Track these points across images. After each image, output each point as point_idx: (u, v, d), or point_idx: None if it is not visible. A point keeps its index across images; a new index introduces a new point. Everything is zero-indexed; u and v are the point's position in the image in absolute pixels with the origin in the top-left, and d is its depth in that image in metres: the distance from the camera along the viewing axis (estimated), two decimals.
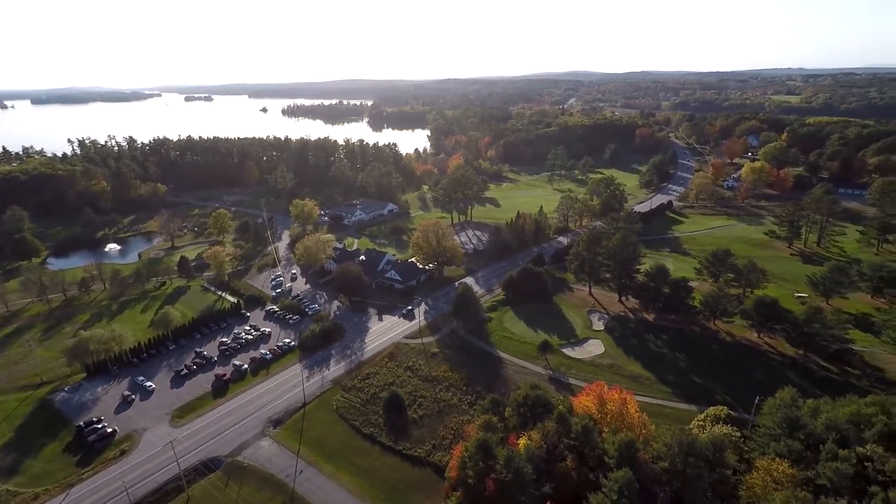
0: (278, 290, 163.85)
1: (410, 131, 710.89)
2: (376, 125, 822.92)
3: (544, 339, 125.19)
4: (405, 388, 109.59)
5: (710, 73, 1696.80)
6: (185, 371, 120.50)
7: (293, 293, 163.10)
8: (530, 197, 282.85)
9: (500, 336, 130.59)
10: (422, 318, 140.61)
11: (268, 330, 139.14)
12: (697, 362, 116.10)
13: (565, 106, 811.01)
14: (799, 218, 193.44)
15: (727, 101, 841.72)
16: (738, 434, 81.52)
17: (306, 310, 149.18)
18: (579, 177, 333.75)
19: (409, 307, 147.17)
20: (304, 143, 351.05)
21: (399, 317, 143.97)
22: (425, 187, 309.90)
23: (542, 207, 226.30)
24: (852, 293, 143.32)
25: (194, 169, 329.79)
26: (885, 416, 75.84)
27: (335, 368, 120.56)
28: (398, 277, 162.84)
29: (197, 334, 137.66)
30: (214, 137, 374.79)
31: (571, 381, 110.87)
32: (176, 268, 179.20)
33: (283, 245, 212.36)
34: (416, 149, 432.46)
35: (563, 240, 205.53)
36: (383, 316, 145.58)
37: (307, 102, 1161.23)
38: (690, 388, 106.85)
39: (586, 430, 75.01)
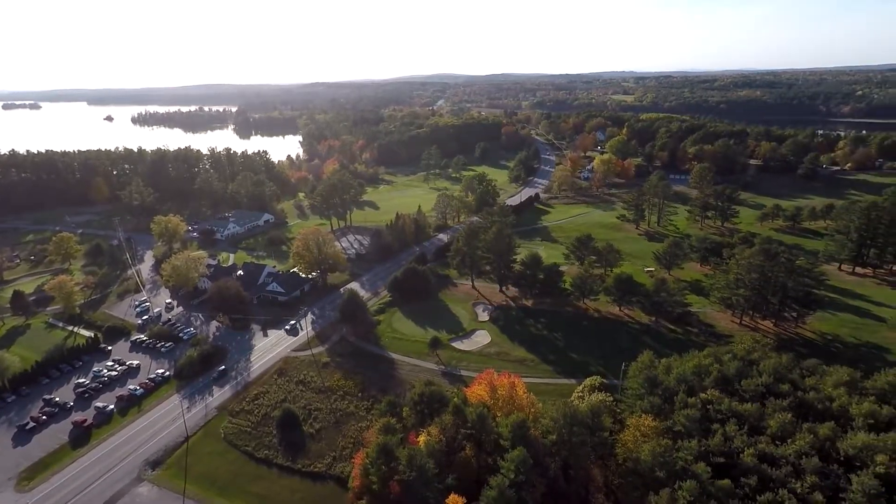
0: (145, 317, 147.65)
1: (281, 137, 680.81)
2: (243, 132, 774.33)
3: (434, 335, 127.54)
4: (298, 404, 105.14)
5: (561, 75, 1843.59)
6: (32, 424, 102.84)
7: (163, 318, 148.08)
8: (408, 197, 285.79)
9: (391, 338, 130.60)
10: (309, 328, 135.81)
11: (136, 362, 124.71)
12: (572, 340, 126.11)
13: (435, 107, 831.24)
14: (642, 202, 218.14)
15: (577, 101, 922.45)
16: (612, 399, 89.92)
17: (180, 335, 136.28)
18: (453, 175, 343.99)
19: (295, 319, 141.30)
20: (161, 154, 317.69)
21: (285, 330, 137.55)
22: (301, 194, 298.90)
23: (420, 207, 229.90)
24: (686, 263, 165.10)
25: (24, 188, 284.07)
26: (718, 365, 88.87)
27: (219, 394, 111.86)
28: (281, 289, 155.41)
29: (44, 379, 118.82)
30: (48, 151, 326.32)
31: (463, 372, 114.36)
32: (9, 305, 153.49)
33: (146, 267, 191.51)
34: (289, 155, 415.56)
35: (444, 237, 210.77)
36: (268, 331, 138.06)
37: (161, 110, 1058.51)
38: (569, 364, 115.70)
39: (481, 417, 77.95)
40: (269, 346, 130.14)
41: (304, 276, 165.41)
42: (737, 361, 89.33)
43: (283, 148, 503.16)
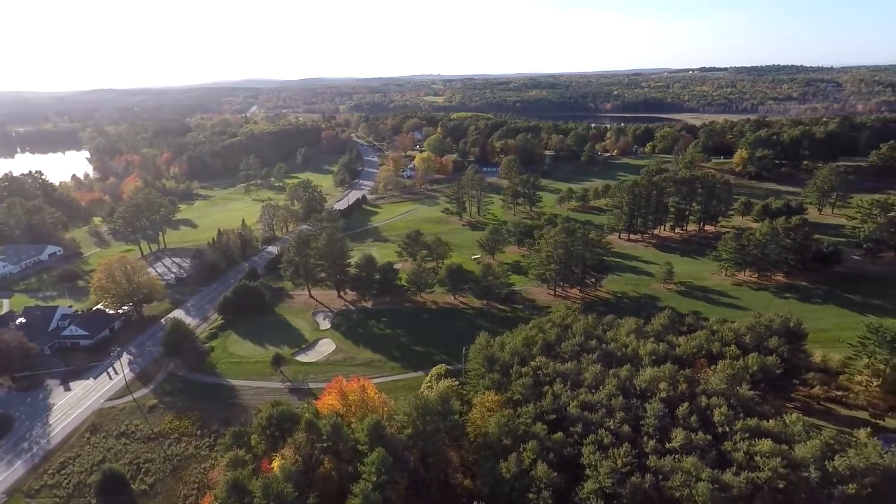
0: None
1: (60, 154, 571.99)
2: (5, 150, 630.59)
3: (276, 352, 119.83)
4: (123, 460, 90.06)
5: (374, 78, 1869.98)
6: None
7: None
8: (230, 211, 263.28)
9: (228, 363, 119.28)
10: (127, 370, 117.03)
11: None
12: (415, 333, 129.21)
13: (248, 114, 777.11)
14: (462, 195, 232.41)
15: (392, 103, 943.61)
16: (458, 383, 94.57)
17: None
18: (276, 184, 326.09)
19: (107, 363, 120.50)
20: None
21: (94, 378, 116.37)
22: (97, 219, 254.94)
23: (244, 220, 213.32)
24: (506, 247, 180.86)
25: None
26: (542, 334, 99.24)
27: (9, 473, 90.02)
28: (83, 332, 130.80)
29: None
30: None
31: (312, 385, 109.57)
32: None
33: None
34: (75, 175, 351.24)
35: (274, 249, 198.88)
36: (71, 383, 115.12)
37: None
38: (415, 358, 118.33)
39: (335, 427, 75.63)
40: (75, 401, 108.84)
41: (112, 312, 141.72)
42: (556, 328, 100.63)
43: (66, 166, 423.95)
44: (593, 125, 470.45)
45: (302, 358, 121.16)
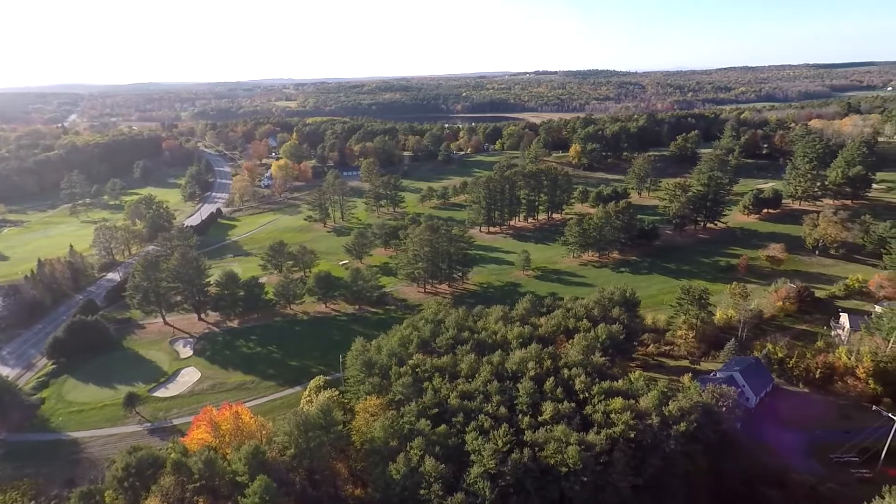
0: None
1: None
2: None
3: (128, 391, 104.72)
4: None
5: (220, 83, 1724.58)
6: None
7: None
8: (52, 238, 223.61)
9: (67, 413, 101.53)
10: None
11: None
12: (289, 348, 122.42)
13: (67, 123, 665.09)
14: (324, 201, 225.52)
15: (241, 109, 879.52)
16: (338, 392, 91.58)
17: None
18: (112, 202, 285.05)
19: None
20: None
21: None
22: None
23: (72, 247, 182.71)
24: (373, 250, 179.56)
25: None
26: (417, 332, 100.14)
27: None
28: None
29: None
30: None
31: (176, 421, 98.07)
32: None
33: None
34: None
35: (115, 276, 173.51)
36: None
37: None
38: (291, 373, 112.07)
39: (208, 462, 68.53)
40: None
41: None
42: (429, 324, 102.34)
43: None
44: (447, 125, 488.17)
45: (161, 393, 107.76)
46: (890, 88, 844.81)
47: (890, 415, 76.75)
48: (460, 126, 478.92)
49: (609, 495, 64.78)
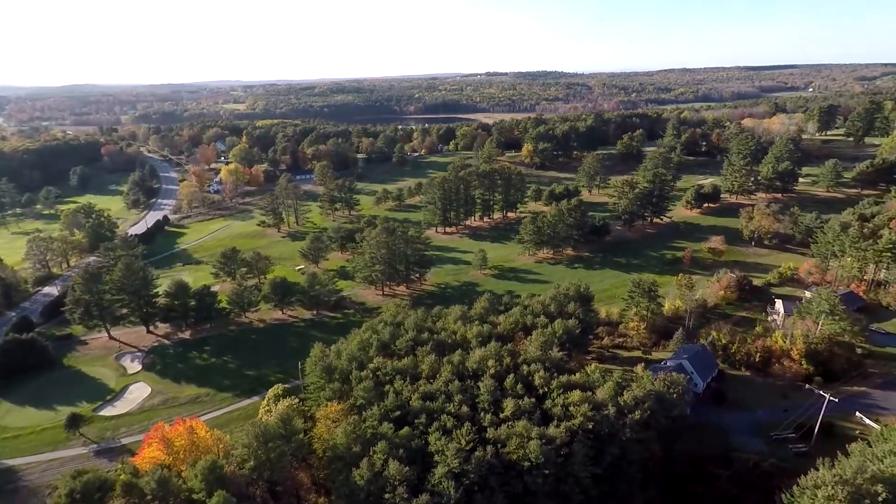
0: None
1: None
2: None
3: (70, 412, 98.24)
4: None
5: (162, 85, 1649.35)
6: None
7: None
8: None
9: (1, 440, 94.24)
10: None
11: None
12: (245, 357, 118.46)
13: None
14: (277, 206, 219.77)
15: (186, 112, 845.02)
16: (298, 400, 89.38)
17: None
18: (46, 212, 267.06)
19: None
20: None
21: None
22: None
23: (1, 260, 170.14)
24: (330, 254, 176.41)
25: None
26: (376, 335, 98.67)
27: None
28: None
29: None
30: None
31: (125, 441, 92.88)
32: None
33: None
34: None
35: (53, 290, 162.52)
36: None
37: None
38: (248, 383, 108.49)
39: (161, 481, 65.23)
40: None
41: None
42: (389, 327, 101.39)
43: None
44: (400, 127, 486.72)
45: (108, 412, 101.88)
46: (811, 89, 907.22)
47: (821, 392, 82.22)
48: (414, 127, 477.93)
49: (570, 486, 66.20)
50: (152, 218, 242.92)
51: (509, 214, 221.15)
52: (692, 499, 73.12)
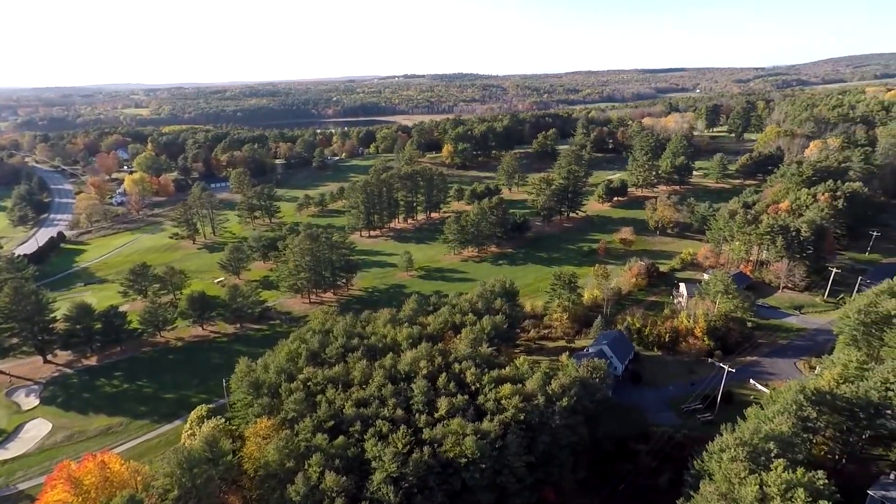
0: None
1: None
2: None
3: None
4: None
5: (49, 88, 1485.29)
6: None
7: None
8: None
9: None
10: None
11: None
12: (163, 379, 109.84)
13: None
14: (191, 216, 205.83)
15: (81, 117, 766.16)
16: (224, 419, 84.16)
17: None
18: None
19: None
20: None
21: None
22: None
23: None
24: (251, 264, 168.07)
25: None
26: (304, 344, 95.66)
27: None
28: None
29: None
30: None
31: (23, 486, 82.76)
32: None
33: None
34: None
35: None
36: None
37: None
38: (167, 407, 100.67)
39: None
40: None
41: None
42: (317, 335, 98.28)
43: None
44: (319, 131, 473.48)
45: (0, 455, 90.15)
46: (698, 90, 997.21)
47: (721, 364, 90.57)
48: (333, 131, 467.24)
49: (506, 477, 67.79)
50: (44, 235, 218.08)
51: (433, 215, 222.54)
52: (617, 476, 77.63)
